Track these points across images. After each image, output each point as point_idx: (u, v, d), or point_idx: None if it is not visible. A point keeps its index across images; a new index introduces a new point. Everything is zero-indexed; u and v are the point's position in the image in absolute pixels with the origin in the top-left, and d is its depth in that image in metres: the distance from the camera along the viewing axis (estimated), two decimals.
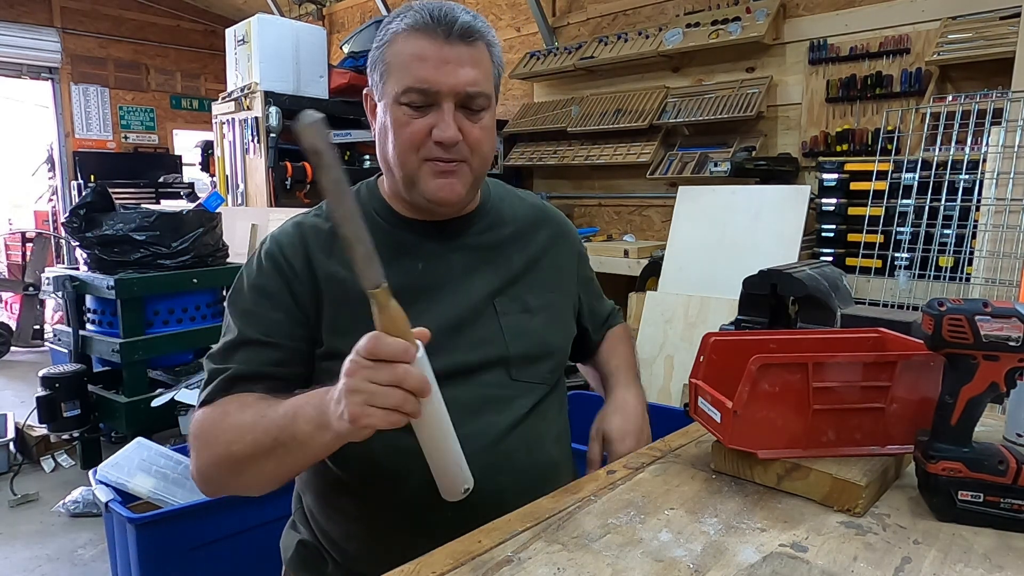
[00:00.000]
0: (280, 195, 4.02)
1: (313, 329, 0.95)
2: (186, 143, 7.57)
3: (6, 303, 5.91)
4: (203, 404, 0.92)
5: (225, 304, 0.98)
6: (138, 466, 1.92)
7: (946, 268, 2.42)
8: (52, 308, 5.42)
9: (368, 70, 0.97)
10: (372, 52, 0.95)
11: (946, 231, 2.35)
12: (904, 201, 2.40)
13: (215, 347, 0.97)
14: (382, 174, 1.02)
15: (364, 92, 0.99)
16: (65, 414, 2.95)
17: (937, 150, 2.36)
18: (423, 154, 0.90)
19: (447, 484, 0.79)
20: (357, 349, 0.71)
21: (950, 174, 2.32)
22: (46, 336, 5.25)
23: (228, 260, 3.34)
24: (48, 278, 3.14)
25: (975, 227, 2.30)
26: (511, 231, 1.05)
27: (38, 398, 2.94)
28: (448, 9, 0.89)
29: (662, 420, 1.37)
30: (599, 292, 1.23)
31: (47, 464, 3.14)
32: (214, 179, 4.85)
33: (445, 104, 0.88)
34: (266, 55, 4.01)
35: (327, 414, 0.74)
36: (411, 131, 0.89)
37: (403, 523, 0.93)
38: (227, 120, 4.34)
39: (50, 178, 7.08)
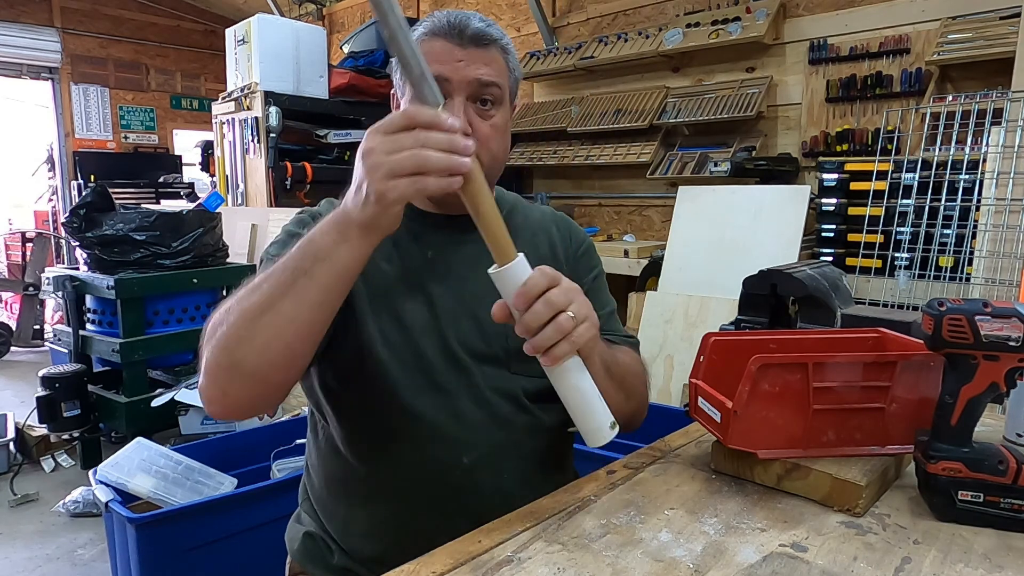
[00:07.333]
0: (280, 195, 4.03)
1: None
2: (186, 143, 7.58)
3: (6, 303, 5.90)
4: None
5: (260, 260, 0.95)
6: (138, 466, 1.92)
7: (946, 268, 2.42)
8: (52, 308, 5.41)
9: (393, 73, 1.02)
10: None
11: (946, 231, 2.35)
12: (904, 201, 2.40)
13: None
14: None
15: (391, 92, 1.04)
16: (65, 414, 2.95)
17: (937, 150, 2.36)
18: None
19: (593, 425, 0.77)
20: (374, 128, 0.69)
21: (950, 174, 2.32)
22: (46, 336, 5.25)
23: (228, 260, 3.33)
24: (48, 278, 3.14)
25: (975, 227, 2.30)
26: (521, 233, 1.06)
27: (38, 398, 2.94)
28: (464, 16, 0.93)
29: (662, 420, 1.37)
30: (610, 310, 1.15)
31: (47, 464, 3.14)
32: (214, 179, 4.86)
33: (457, 97, 0.91)
34: (266, 55, 4.01)
35: (346, 212, 0.72)
36: None
37: (408, 508, 0.94)
38: (227, 120, 4.34)
39: (50, 178, 7.08)
